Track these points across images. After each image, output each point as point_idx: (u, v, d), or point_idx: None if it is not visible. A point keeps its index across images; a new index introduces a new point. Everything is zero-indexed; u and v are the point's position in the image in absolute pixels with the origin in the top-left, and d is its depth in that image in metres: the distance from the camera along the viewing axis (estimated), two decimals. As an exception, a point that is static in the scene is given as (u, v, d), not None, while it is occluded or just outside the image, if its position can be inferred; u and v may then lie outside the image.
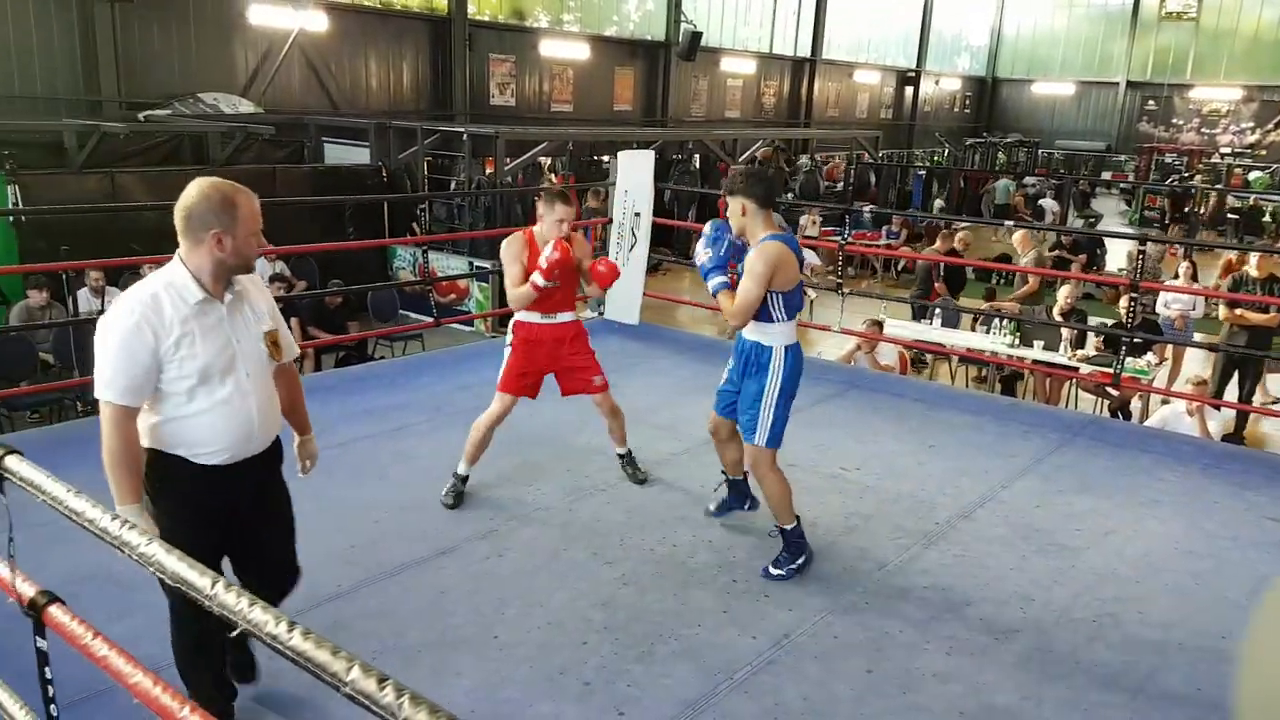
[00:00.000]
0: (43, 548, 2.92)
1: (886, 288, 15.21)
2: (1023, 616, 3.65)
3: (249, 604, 1.12)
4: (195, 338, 2.47)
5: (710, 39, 23.27)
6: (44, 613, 1.55)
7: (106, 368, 2.42)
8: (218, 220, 2.48)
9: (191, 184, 2.51)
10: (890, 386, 6.71)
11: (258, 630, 1.09)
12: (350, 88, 16.80)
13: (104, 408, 2.45)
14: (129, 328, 2.41)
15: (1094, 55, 33.23)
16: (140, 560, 1.28)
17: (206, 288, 2.51)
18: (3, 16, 12.51)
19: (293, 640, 1.03)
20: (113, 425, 2.44)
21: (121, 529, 1.32)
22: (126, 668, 1.34)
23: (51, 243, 8.73)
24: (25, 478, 1.52)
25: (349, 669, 0.96)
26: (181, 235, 2.51)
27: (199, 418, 2.53)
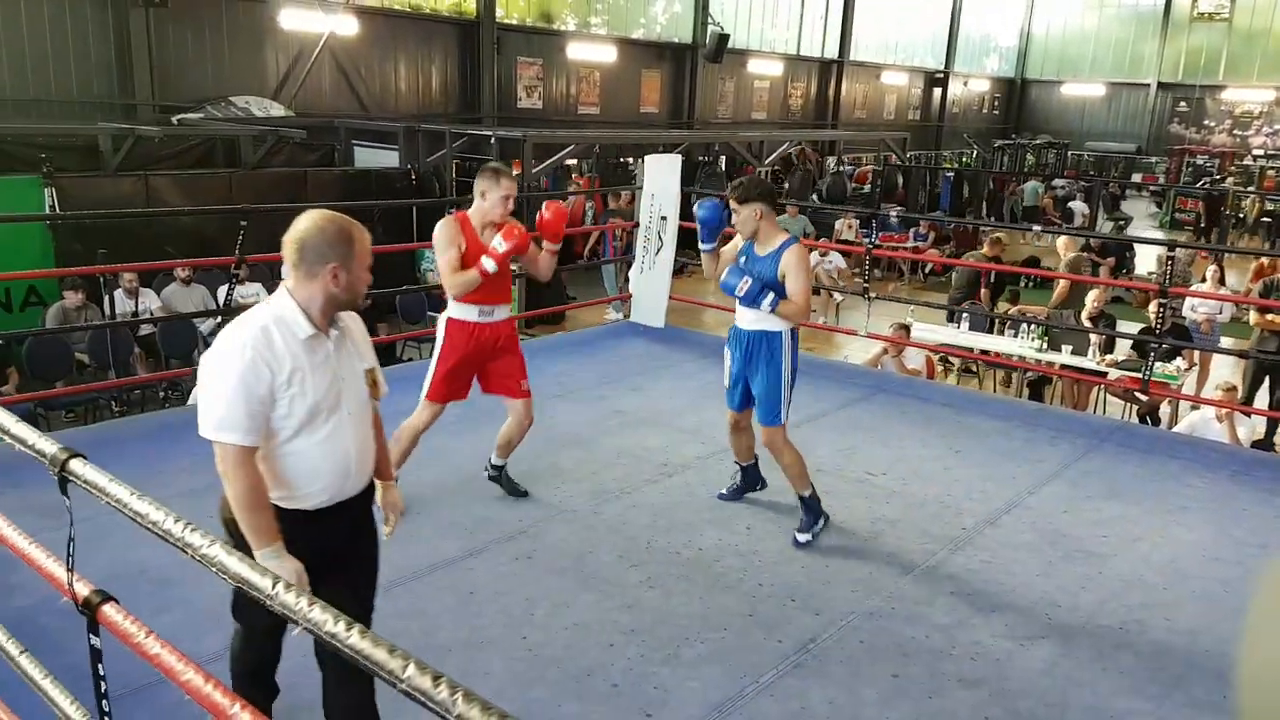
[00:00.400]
0: (80, 546, 2.99)
1: (913, 290, 15.17)
2: (1049, 623, 3.66)
3: (308, 603, 1.16)
4: (305, 374, 2.36)
5: (737, 41, 23.25)
6: (98, 611, 1.61)
7: (221, 407, 2.30)
8: (334, 253, 2.38)
9: (303, 216, 2.42)
10: (917, 391, 6.71)
11: (317, 629, 1.13)
12: (380, 91, 16.93)
13: (223, 450, 2.32)
14: (245, 364, 2.29)
15: (1124, 56, 32.93)
16: (203, 562, 1.33)
17: (315, 322, 2.40)
18: (40, 23, 12.71)
19: (351, 639, 1.08)
20: (237, 467, 2.32)
21: (184, 530, 1.37)
22: (179, 665, 1.39)
23: (87, 244, 8.86)
24: (89, 480, 1.58)
25: (405, 666, 1.01)
26: (292, 267, 2.40)
27: (300, 458, 2.41)
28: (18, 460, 3.98)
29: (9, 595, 3.33)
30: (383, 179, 12.42)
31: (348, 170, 12.88)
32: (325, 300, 2.40)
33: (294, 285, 2.41)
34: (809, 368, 7.19)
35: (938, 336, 9.19)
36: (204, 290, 9.11)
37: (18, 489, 3.86)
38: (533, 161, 13.52)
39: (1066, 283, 9.58)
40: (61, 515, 2.85)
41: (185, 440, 5.10)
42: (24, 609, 3.23)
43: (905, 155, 22.89)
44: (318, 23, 15.55)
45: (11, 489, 3.86)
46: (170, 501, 2.92)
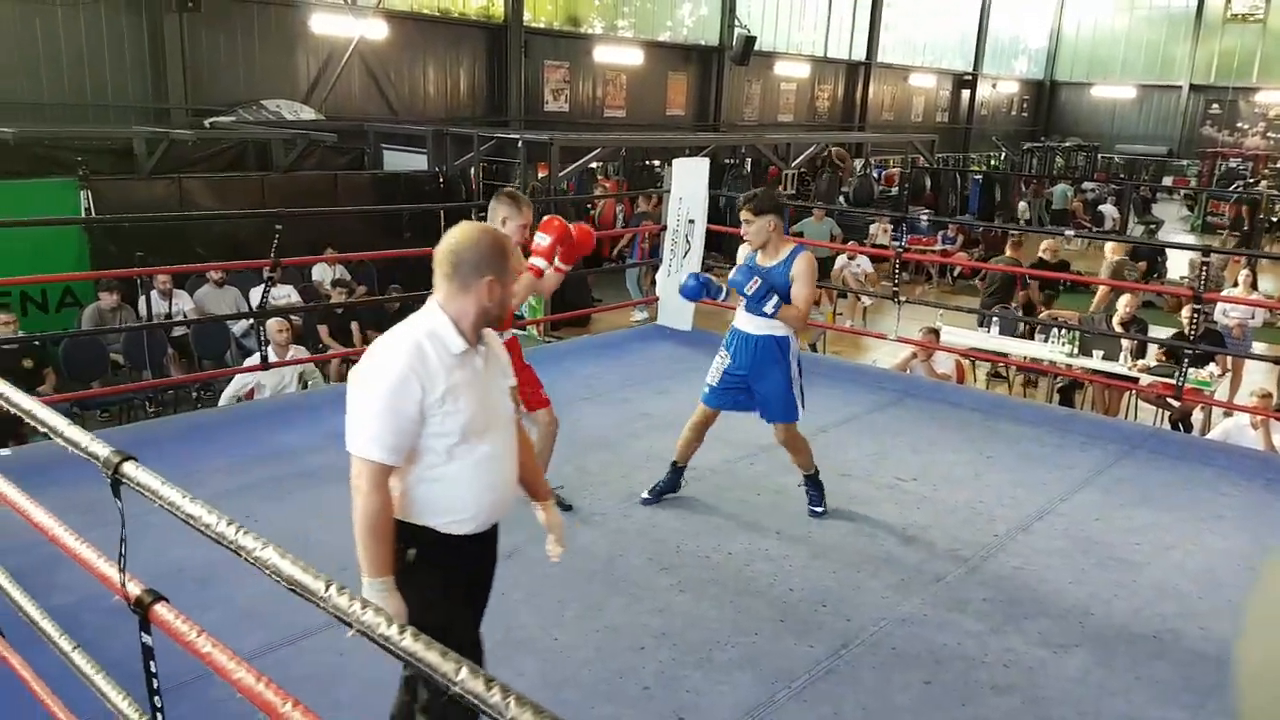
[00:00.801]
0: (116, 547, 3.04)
1: (941, 294, 15.10)
2: (1082, 630, 3.64)
3: (361, 606, 1.18)
4: (459, 392, 2.27)
5: (764, 43, 23.22)
6: (150, 610, 1.64)
7: (369, 421, 2.23)
8: (491, 266, 2.31)
9: (456, 228, 2.35)
10: (947, 395, 6.68)
11: (370, 632, 1.16)
12: (409, 94, 17.03)
13: (361, 465, 2.25)
14: (396, 378, 2.22)
15: (1156, 58, 32.60)
16: (256, 564, 1.36)
17: (467, 337, 2.32)
18: (76, 28, 12.89)
19: (404, 642, 1.10)
20: (372, 485, 2.24)
21: (236, 532, 1.40)
22: (230, 663, 1.41)
23: (121, 246, 8.97)
24: (142, 483, 1.61)
25: (458, 669, 1.03)
26: (446, 279, 2.32)
27: (455, 480, 2.32)
28: (56, 459, 4.04)
29: (51, 593, 3.38)
30: (411, 182, 12.52)
31: (377, 173, 12.99)
32: (478, 314, 2.33)
33: (445, 299, 2.33)
34: (837, 371, 7.19)
35: (967, 341, 9.15)
36: (236, 292, 9.21)
37: (57, 486, 3.91)
38: (559, 164, 13.58)
39: (1107, 287, 9.50)
40: (100, 513, 2.89)
41: (218, 441, 5.19)
42: (66, 607, 3.27)
43: (933, 158, 22.78)
44: (348, 27, 15.67)
45: (51, 486, 3.91)
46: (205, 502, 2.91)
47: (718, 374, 4.45)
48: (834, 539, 4.32)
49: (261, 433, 5.33)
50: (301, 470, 4.83)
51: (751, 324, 4.34)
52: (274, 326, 7.40)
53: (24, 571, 3.45)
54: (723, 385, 4.44)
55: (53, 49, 12.73)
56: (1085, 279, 9.52)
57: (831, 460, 5.23)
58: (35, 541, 2.81)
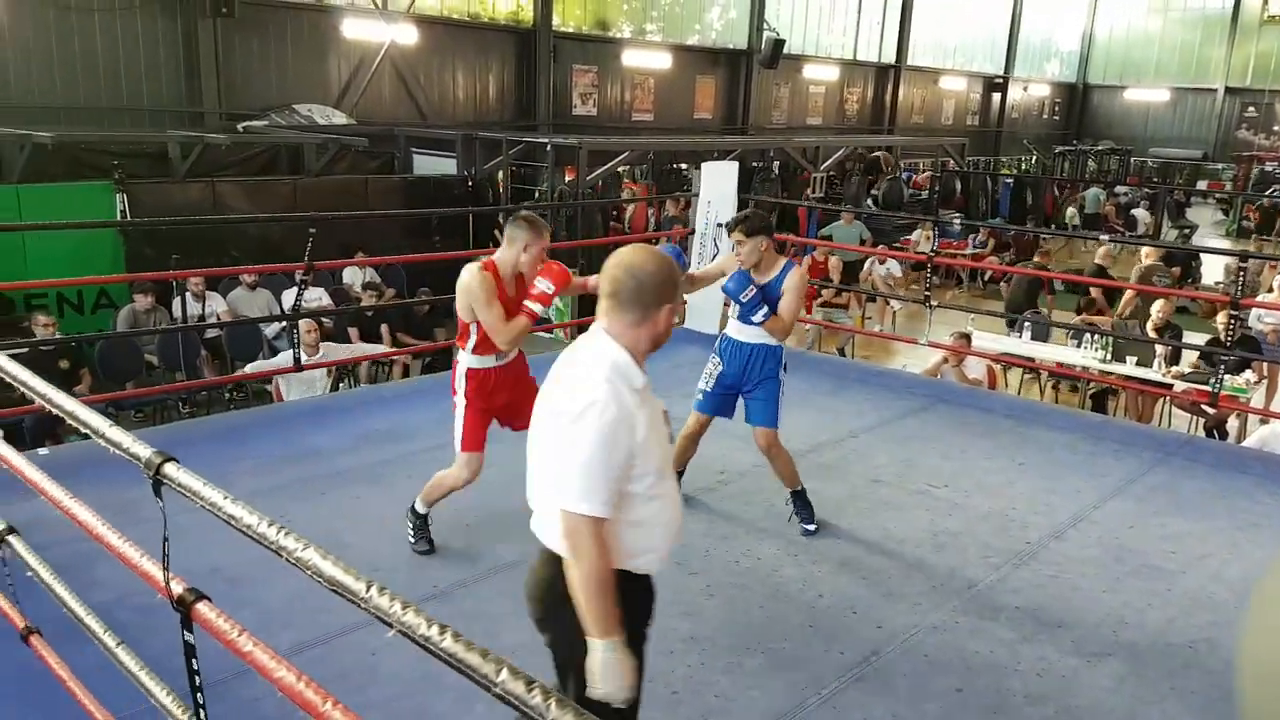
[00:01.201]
0: (156, 544, 3.08)
1: (972, 298, 15.00)
2: (1115, 639, 3.60)
3: (402, 607, 1.19)
4: (650, 427, 2.15)
5: (793, 46, 23.18)
6: (192, 609, 1.66)
7: (583, 475, 2.07)
8: (671, 293, 2.21)
9: (629, 253, 2.22)
10: (979, 401, 6.64)
11: (411, 633, 1.17)
12: (438, 99, 17.14)
13: (579, 523, 2.07)
14: (609, 426, 2.07)
15: (1191, 60, 32.22)
16: (297, 564, 1.37)
17: (641, 368, 2.22)
18: (113, 34, 13.08)
19: (445, 643, 1.10)
20: (593, 542, 2.07)
21: (277, 533, 1.41)
22: (271, 662, 1.43)
23: (156, 248, 9.10)
24: (183, 484, 1.63)
25: (499, 670, 1.03)
26: (623, 308, 2.18)
27: (655, 519, 2.20)
28: (90, 459, 4.10)
29: (89, 590, 3.41)
30: (440, 185, 12.59)
31: (407, 177, 13.07)
32: (650, 343, 2.23)
33: (621, 329, 2.20)
34: (867, 376, 7.16)
35: (999, 346, 9.08)
36: (268, 294, 9.30)
37: (92, 486, 3.96)
38: (587, 168, 13.60)
39: (1133, 292, 9.42)
40: (133, 512, 2.93)
41: (250, 442, 5.24)
42: (103, 604, 3.31)
43: (964, 161, 22.64)
44: (379, 32, 15.80)
45: (88, 486, 3.96)
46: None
47: (711, 379, 4.55)
48: (864, 545, 4.30)
49: (293, 434, 5.38)
50: (332, 471, 4.87)
51: (744, 332, 4.44)
52: (303, 327, 7.47)
53: (61, 568, 3.51)
54: (716, 390, 4.54)
55: (90, 54, 12.92)
56: (1117, 284, 9.41)
57: (862, 466, 5.22)
58: (70, 538, 2.85)
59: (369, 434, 5.42)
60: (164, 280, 8.57)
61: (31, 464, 2.35)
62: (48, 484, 2.16)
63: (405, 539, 4.11)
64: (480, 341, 3.95)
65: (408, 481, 4.76)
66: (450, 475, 4.07)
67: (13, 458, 2.41)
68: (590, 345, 2.24)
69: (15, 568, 2.77)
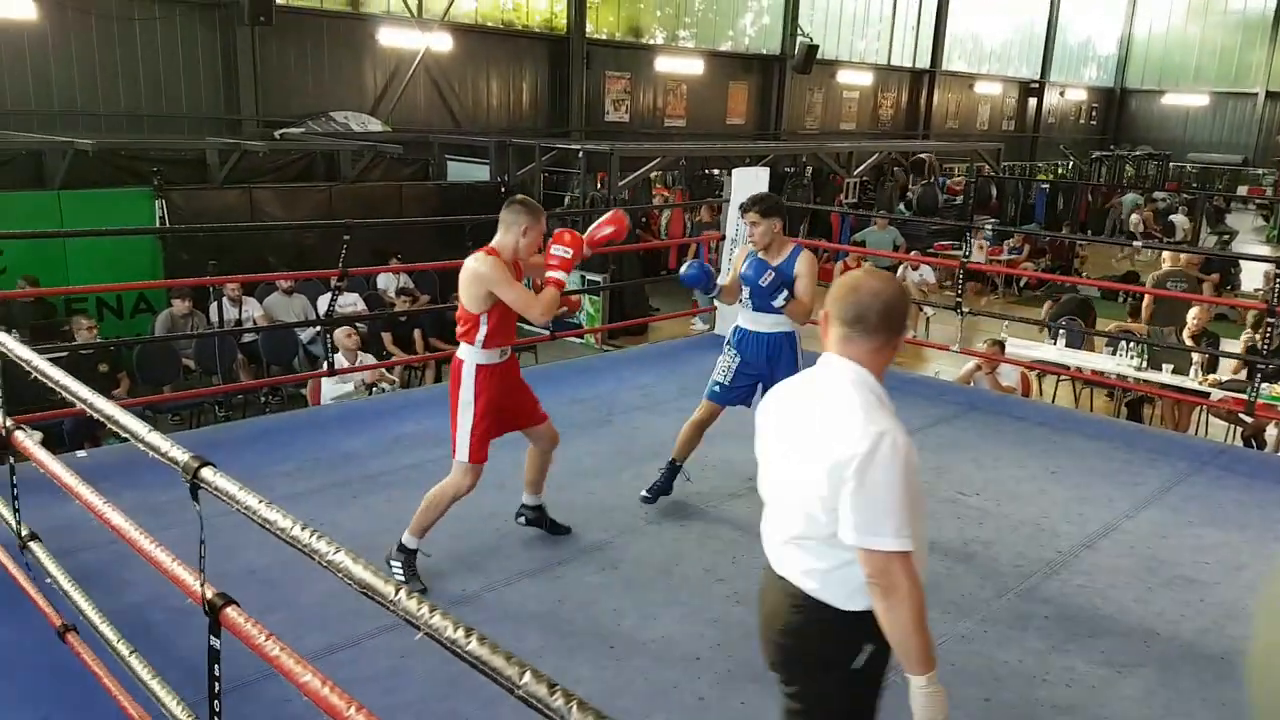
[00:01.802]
0: (191, 547, 3.14)
1: (1007, 305, 14.87)
2: (1147, 650, 3.57)
3: (429, 610, 1.22)
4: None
5: (826, 51, 23.12)
6: (221, 613, 1.69)
7: (895, 511, 1.98)
8: (907, 319, 2.21)
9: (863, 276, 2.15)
10: (1012, 409, 6.59)
11: (438, 635, 1.19)
12: (472, 105, 17.27)
13: (894, 561, 1.98)
14: (905, 453, 2.01)
15: (1230, 65, 31.77)
16: (329, 568, 1.40)
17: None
18: (153, 43, 13.31)
19: (470, 645, 1.13)
20: (909, 577, 1.99)
21: (310, 537, 1.44)
22: (297, 667, 1.46)
23: (194, 254, 9.24)
24: (220, 488, 1.67)
25: (522, 674, 1.05)
26: (869, 334, 2.10)
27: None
28: (128, 462, 4.17)
29: (122, 591, 3.49)
30: (474, 192, 12.69)
31: (441, 183, 13.19)
32: (884, 370, 2.16)
33: (865, 354, 2.11)
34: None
35: (1033, 353, 9.01)
36: (304, 300, 9.41)
37: (133, 488, 4.04)
38: (619, 174, 13.66)
39: (1151, 298, 9.34)
40: (171, 515, 2.99)
41: (286, 446, 5.31)
42: (135, 605, 3.39)
43: (999, 166, 22.47)
44: (414, 40, 15.95)
45: (127, 488, 4.04)
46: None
47: (729, 372, 4.58)
48: (893, 552, 4.28)
49: (327, 438, 5.44)
50: (366, 475, 4.92)
51: (761, 323, 4.50)
52: (341, 334, 7.57)
53: (98, 569, 3.59)
54: (735, 383, 4.57)
55: (131, 63, 13.16)
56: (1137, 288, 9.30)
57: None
58: (106, 540, 2.91)
59: (401, 438, 5.47)
60: (201, 285, 8.71)
61: (67, 468, 2.40)
62: (82, 488, 2.21)
63: (440, 541, 4.13)
64: (492, 333, 3.78)
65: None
66: (450, 485, 3.82)
67: (49, 461, 2.47)
68: (833, 375, 2.14)
69: (41, 572, 2.83)
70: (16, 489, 2.96)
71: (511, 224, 3.79)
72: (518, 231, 3.78)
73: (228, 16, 13.75)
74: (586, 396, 6.34)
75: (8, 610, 3.36)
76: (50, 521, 3.32)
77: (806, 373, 2.26)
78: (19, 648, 3.23)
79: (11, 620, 3.33)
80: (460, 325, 3.84)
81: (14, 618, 3.31)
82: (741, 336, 4.57)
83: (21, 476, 3.15)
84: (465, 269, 3.76)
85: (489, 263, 3.73)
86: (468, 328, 3.82)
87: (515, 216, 3.78)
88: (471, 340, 3.82)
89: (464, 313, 3.80)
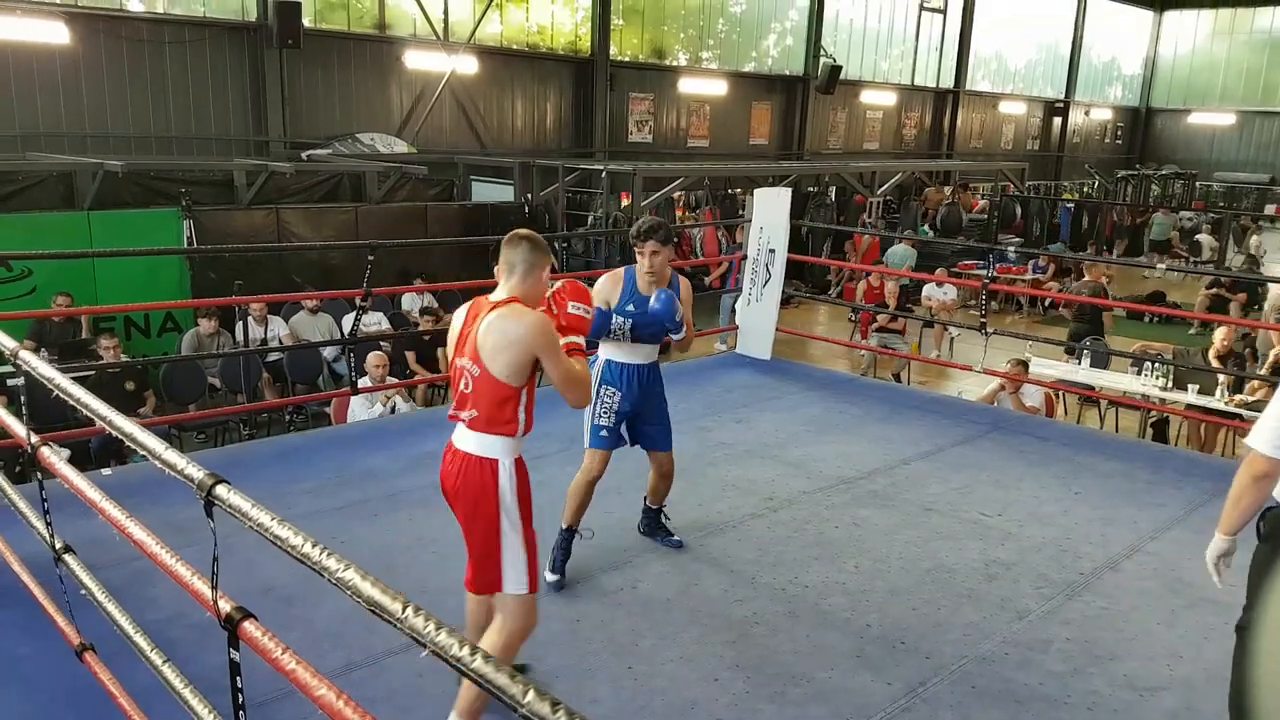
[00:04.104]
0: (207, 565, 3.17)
1: (1032, 325, 14.79)
2: (1170, 674, 3.52)
3: (435, 627, 1.23)
4: None
5: (850, 72, 23.16)
6: (239, 627, 1.71)
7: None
8: None
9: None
10: (1035, 429, 6.54)
11: (444, 652, 1.20)
12: (497, 127, 17.42)
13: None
14: None
15: (1257, 83, 31.54)
16: (338, 585, 1.42)
17: None
18: (183, 66, 13.54)
19: (475, 663, 1.14)
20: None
21: (320, 554, 1.46)
22: (313, 681, 1.47)
23: (220, 274, 9.37)
24: (234, 505, 1.69)
25: (525, 692, 1.06)
26: None
27: None
28: (154, 479, 4.22)
29: (145, 607, 3.52)
30: (497, 212, 12.78)
31: (465, 204, 13.29)
32: None
33: None
34: (922, 403, 7.11)
35: (1057, 373, 8.95)
36: (329, 319, 9.49)
37: (156, 505, 4.08)
38: (641, 194, 13.72)
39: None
40: (194, 532, 3.01)
41: (310, 464, 5.35)
42: (159, 621, 3.41)
43: (1023, 185, 22.39)
44: (440, 62, 16.12)
45: (151, 505, 4.08)
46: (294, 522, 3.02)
47: (612, 413, 4.11)
48: (914, 574, 4.26)
49: (351, 456, 5.48)
50: (389, 493, 4.94)
51: (639, 354, 4.16)
52: (372, 361, 7.66)
53: (121, 586, 3.61)
54: (616, 424, 4.15)
55: (160, 85, 13.38)
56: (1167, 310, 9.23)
57: (914, 494, 5.17)
58: (129, 556, 2.94)
59: (423, 456, 5.49)
60: (228, 305, 8.81)
61: (92, 484, 2.43)
62: (105, 503, 2.24)
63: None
64: (528, 418, 2.91)
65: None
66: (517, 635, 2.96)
67: (74, 478, 2.50)
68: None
69: (70, 585, 2.86)
70: (47, 503, 3.00)
71: (535, 265, 2.96)
72: (541, 274, 2.99)
73: (256, 39, 13.97)
74: (607, 416, 6.35)
75: (25, 628, 3.40)
76: (74, 538, 3.36)
77: None
78: (37, 666, 3.27)
79: (29, 639, 3.37)
80: (486, 407, 2.84)
81: (31, 636, 3.35)
82: (620, 372, 4.14)
83: (47, 493, 3.20)
84: (497, 329, 2.81)
85: (540, 323, 2.84)
86: (499, 412, 2.84)
87: (539, 256, 2.97)
88: (512, 430, 2.87)
89: (496, 389, 2.82)
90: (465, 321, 2.93)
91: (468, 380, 2.86)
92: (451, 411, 2.96)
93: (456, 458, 2.92)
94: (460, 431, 2.92)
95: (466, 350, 2.86)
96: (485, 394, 2.83)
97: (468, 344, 2.86)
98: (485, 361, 2.80)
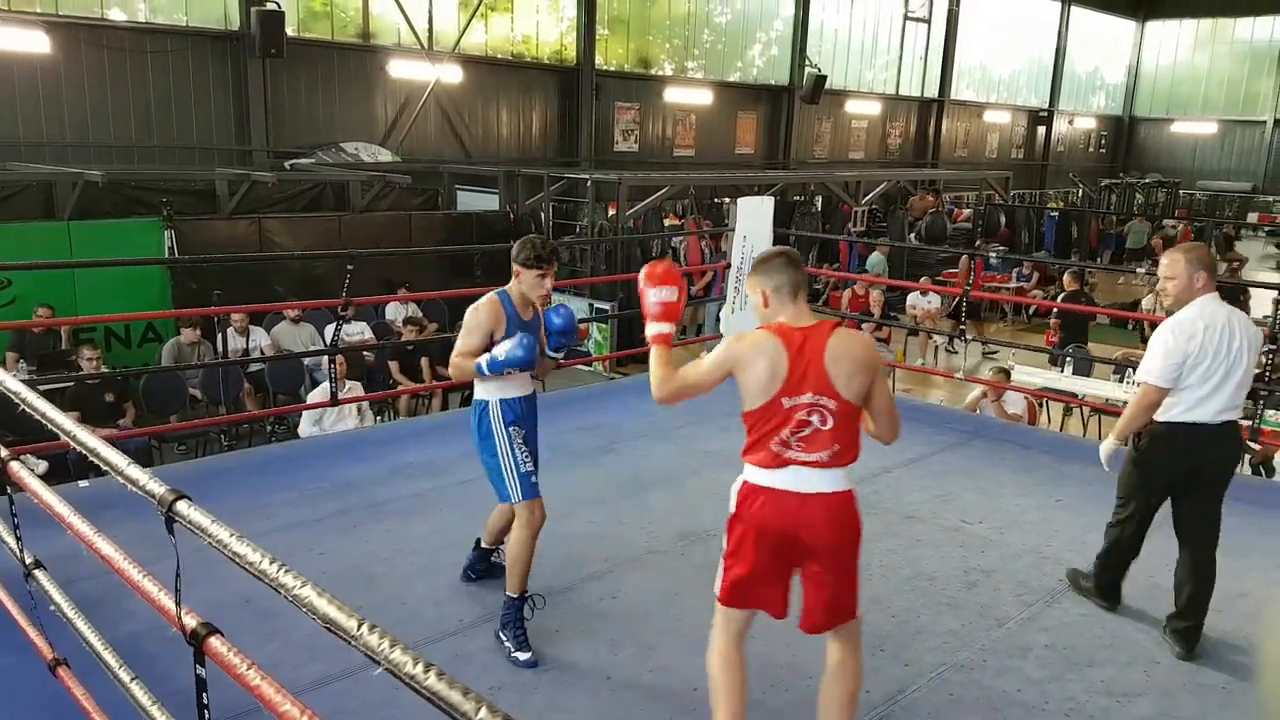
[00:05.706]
0: (193, 576, 3.14)
1: (1016, 333, 14.84)
2: (1147, 680, 3.53)
3: (389, 645, 1.22)
4: None
5: (835, 81, 23.24)
6: (204, 643, 1.70)
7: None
8: None
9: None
10: (1017, 437, 6.56)
11: (397, 670, 1.19)
12: (482, 136, 17.41)
13: None
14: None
15: (1239, 93, 31.83)
16: (294, 601, 1.41)
17: None
18: (165, 75, 13.48)
19: (428, 680, 1.13)
20: None
21: (278, 570, 1.45)
22: (277, 696, 1.46)
23: (202, 283, 9.32)
24: (193, 521, 1.68)
25: (478, 709, 1.06)
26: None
27: None
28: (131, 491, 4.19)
29: (121, 621, 3.50)
30: (482, 221, 12.77)
31: (450, 213, 13.27)
32: None
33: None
34: (903, 410, 7.08)
35: (1039, 380, 8.98)
36: (311, 329, 9.46)
37: (134, 519, 4.03)
38: (627, 204, 13.73)
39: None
40: (168, 546, 2.98)
41: (290, 474, 5.32)
42: (135, 635, 3.39)
43: (1008, 194, 22.49)
44: (425, 71, 16.11)
45: (129, 519, 4.04)
46: (273, 534, 3.05)
47: (529, 456, 3.74)
48: (894, 582, 4.26)
49: (331, 466, 5.45)
50: (369, 503, 4.92)
51: (526, 383, 3.83)
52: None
53: (98, 599, 3.59)
54: (537, 463, 3.79)
55: (142, 95, 13.32)
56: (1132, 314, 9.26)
57: (895, 502, 5.18)
58: (104, 570, 2.91)
59: (404, 467, 5.48)
60: (208, 315, 8.77)
61: (60, 498, 2.41)
62: (74, 518, 2.22)
63: (441, 569, 4.12)
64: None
65: (440, 515, 4.81)
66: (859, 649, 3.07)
67: (43, 493, 2.48)
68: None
69: (44, 600, 2.84)
70: (17, 518, 2.97)
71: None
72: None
73: (239, 49, 13.92)
74: (592, 424, 6.34)
75: (0, 642, 3.37)
76: (49, 551, 3.33)
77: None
78: (14, 680, 3.24)
79: (5, 652, 3.34)
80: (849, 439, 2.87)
81: (7, 649, 3.32)
82: (516, 406, 3.75)
83: (21, 507, 3.17)
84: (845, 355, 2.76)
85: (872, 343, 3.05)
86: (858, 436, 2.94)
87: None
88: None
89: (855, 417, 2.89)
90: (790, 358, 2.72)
91: (823, 416, 2.72)
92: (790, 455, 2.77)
93: (827, 503, 2.79)
94: (811, 475, 2.78)
95: (808, 386, 2.70)
96: (848, 425, 2.78)
97: (807, 379, 2.70)
98: (841, 390, 2.71)
